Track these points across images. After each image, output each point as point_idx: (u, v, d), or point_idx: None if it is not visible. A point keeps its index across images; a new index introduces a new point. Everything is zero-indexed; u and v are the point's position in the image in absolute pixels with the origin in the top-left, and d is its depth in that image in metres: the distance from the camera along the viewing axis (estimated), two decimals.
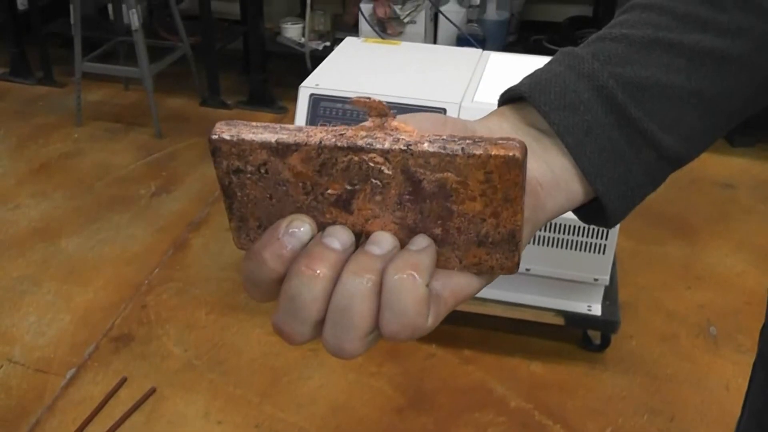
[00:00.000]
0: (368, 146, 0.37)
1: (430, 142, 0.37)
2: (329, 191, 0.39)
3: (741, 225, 2.48)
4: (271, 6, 3.50)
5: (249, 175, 0.40)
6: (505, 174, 0.37)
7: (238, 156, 0.39)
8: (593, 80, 0.43)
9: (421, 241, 0.38)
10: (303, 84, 1.76)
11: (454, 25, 2.96)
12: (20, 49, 3.44)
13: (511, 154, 0.36)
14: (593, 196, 0.44)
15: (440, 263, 0.39)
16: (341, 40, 2.08)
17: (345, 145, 0.37)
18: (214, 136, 0.39)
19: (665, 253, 2.34)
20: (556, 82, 0.44)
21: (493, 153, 0.36)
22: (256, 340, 1.99)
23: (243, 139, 0.38)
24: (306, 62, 3.06)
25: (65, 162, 2.85)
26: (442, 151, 0.37)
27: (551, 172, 0.43)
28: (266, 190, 0.40)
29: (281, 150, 0.38)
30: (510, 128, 0.44)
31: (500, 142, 0.36)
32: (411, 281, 0.37)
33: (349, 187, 0.39)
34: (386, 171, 0.38)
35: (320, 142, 0.38)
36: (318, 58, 2.61)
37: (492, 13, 3.01)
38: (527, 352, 1.95)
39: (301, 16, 3.26)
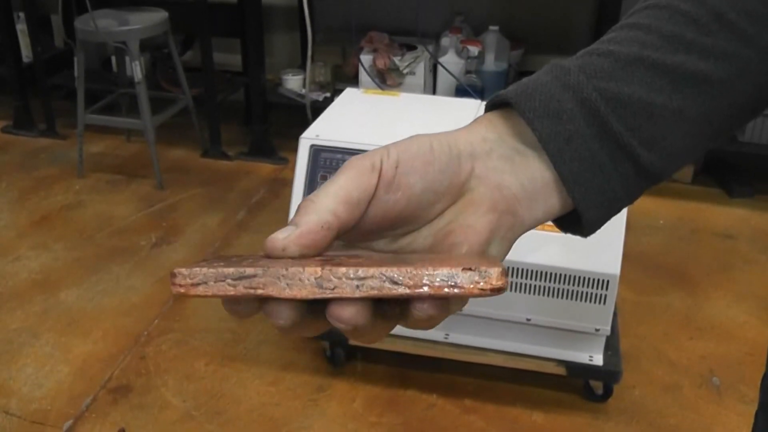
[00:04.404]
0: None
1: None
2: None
3: (742, 275, 2.48)
4: (273, 57, 3.54)
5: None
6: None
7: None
8: (578, 92, 0.44)
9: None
10: (303, 135, 1.77)
11: (452, 76, 2.99)
12: (24, 102, 3.47)
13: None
14: (570, 209, 0.45)
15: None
16: (341, 91, 2.10)
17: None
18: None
19: (666, 303, 2.33)
20: (541, 91, 0.44)
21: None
22: (255, 391, 1.98)
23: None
24: (307, 113, 3.09)
25: (66, 214, 2.85)
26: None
27: (531, 186, 0.44)
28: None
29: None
30: (496, 139, 0.45)
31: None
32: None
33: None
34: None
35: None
36: (318, 109, 2.63)
37: (490, 64, 3.04)
38: (529, 402, 1.94)
39: (302, 67, 3.30)
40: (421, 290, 0.36)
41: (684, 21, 0.45)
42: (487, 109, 0.48)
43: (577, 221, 0.46)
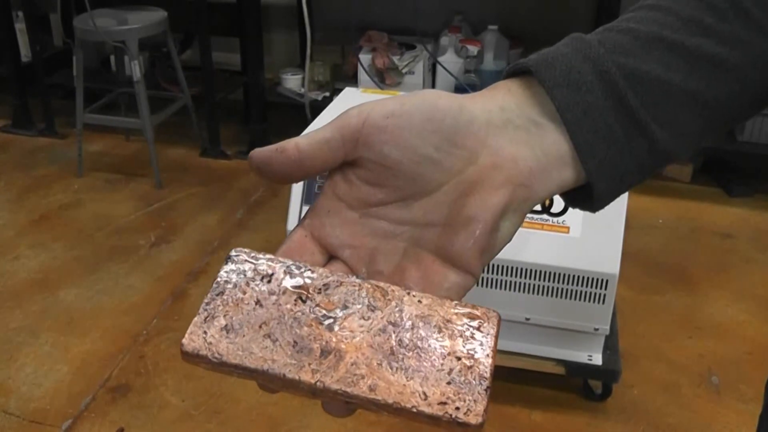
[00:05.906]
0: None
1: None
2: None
3: (741, 274, 2.48)
4: (272, 57, 3.54)
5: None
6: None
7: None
8: (597, 64, 0.45)
9: None
10: (302, 134, 1.77)
11: (451, 75, 2.99)
12: (22, 101, 3.47)
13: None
14: (582, 183, 0.46)
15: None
16: (340, 90, 2.10)
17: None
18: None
19: (665, 302, 2.33)
20: (562, 61, 0.45)
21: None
22: (253, 389, 1.98)
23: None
24: (306, 112, 3.09)
25: (65, 213, 2.85)
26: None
27: (546, 158, 0.45)
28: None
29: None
30: (513, 108, 0.46)
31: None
32: None
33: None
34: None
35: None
36: (317, 108, 2.63)
37: (489, 63, 3.04)
38: (528, 401, 1.94)
39: (301, 66, 3.30)
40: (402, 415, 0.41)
41: (702, 6, 0.46)
42: (505, 76, 0.49)
43: (587, 196, 0.47)
